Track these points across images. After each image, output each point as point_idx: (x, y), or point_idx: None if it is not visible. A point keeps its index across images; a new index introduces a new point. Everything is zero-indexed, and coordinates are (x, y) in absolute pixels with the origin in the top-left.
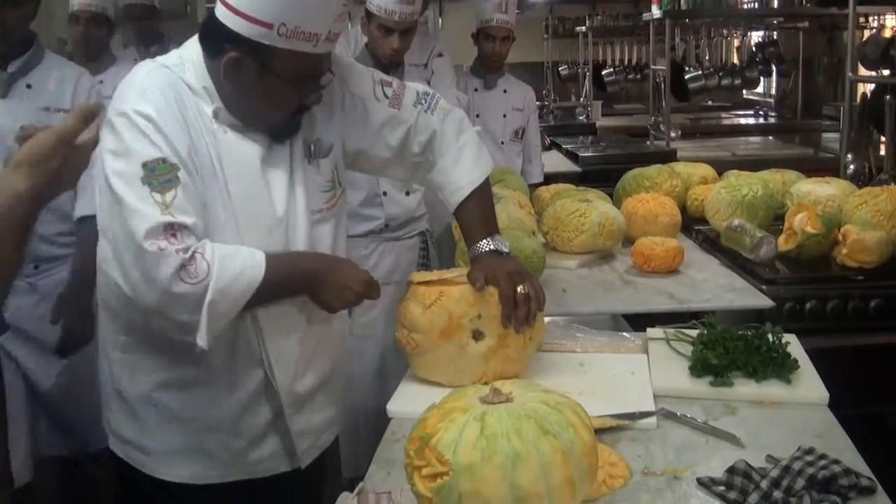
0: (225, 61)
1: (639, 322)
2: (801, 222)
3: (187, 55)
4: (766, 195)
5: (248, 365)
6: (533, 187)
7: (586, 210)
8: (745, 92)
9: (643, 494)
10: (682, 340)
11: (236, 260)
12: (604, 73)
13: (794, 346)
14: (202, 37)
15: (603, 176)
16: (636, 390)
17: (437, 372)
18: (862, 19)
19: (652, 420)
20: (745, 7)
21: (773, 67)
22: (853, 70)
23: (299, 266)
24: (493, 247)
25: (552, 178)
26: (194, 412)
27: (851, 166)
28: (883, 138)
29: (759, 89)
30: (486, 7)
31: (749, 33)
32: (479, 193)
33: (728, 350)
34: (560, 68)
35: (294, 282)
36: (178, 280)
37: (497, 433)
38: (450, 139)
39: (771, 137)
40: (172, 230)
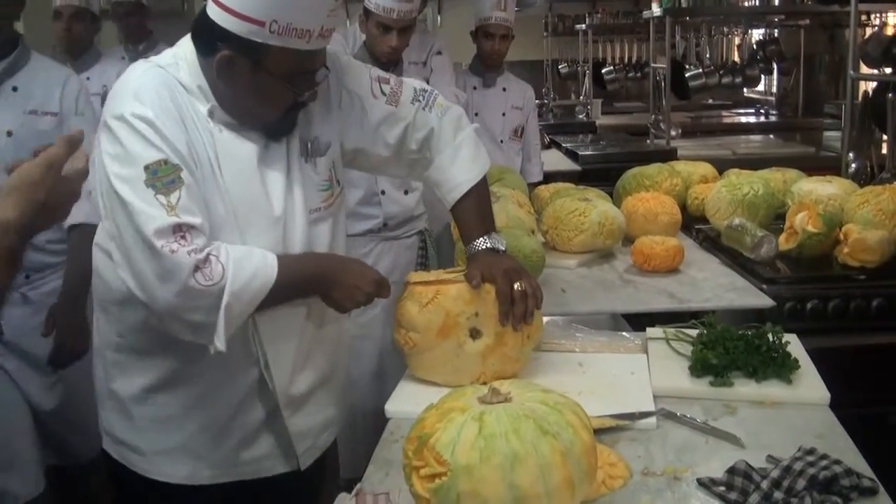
0: (218, 60)
1: (638, 322)
2: (803, 221)
3: (181, 54)
4: (767, 194)
5: (243, 364)
6: (532, 186)
7: (586, 209)
8: (745, 90)
9: (643, 495)
10: (682, 340)
11: (250, 262)
12: (604, 71)
13: (794, 345)
14: (194, 35)
15: (603, 175)
16: (636, 390)
17: (435, 371)
18: (864, 17)
19: (652, 420)
20: (745, 5)
21: (774, 65)
22: (855, 68)
23: (310, 267)
24: (489, 245)
25: (552, 177)
26: (187, 412)
27: (853, 165)
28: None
29: (760, 87)
30: (485, 5)
31: (750, 31)
32: (476, 191)
33: (728, 350)
34: (560, 66)
35: (305, 283)
36: (194, 281)
37: (495, 433)
38: (447, 136)
39: (772, 136)
40: (181, 231)
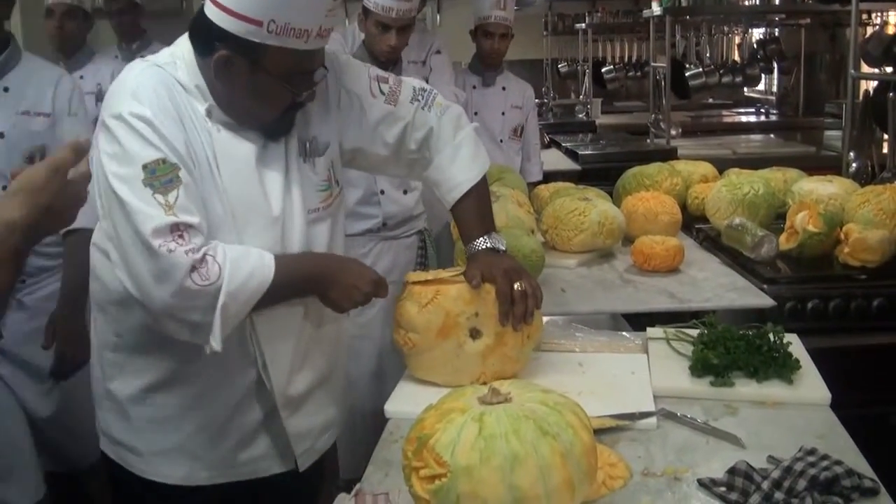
0: (215, 60)
1: (638, 321)
2: (803, 221)
3: (179, 53)
4: (768, 193)
5: (241, 365)
6: (532, 186)
7: (586, 209)
8: (746, 89)
9: (643, 496)
10: (683, 340)
11: (247, 261)
12: (604, 70)
13: (795, 345)
14: (192, 35)
15: (602, 174)
16: (636, 390)
17: (435, 372)
18: (865, 16)
19: (652, 420)
20: (746, 3)
21: (775, 64)
22: (856, 67)
23: (308, 267)
24: (489, 244)
25: (551, 177)
26: (184, 413)
27: (854, 164)
28: (886, 136)
29: (761, 87)
30: (484, 4)
31: (750, 30)
32: (476, 191)
33: (729, 350)
34: (559, 65)
35: (303, 283)
36: (190, 281)
37: (495, 434)
38: (447, 136)
39: (772, 135)
40: (179, 230)
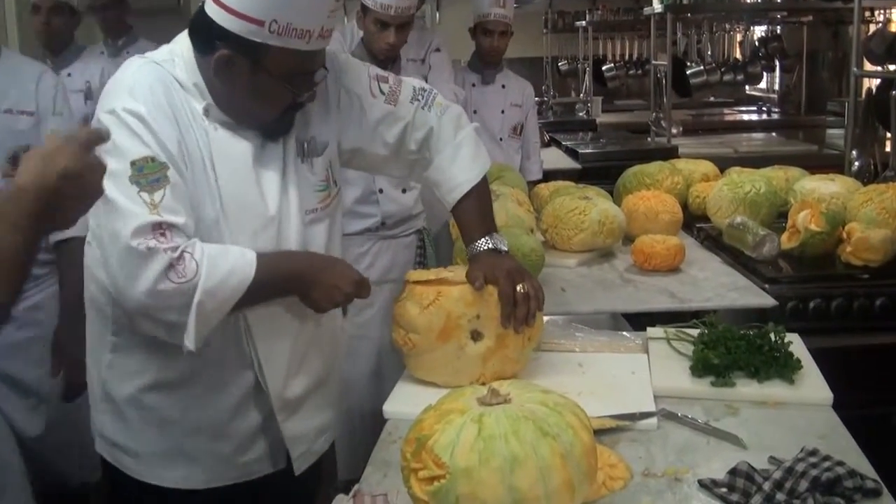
0: (216, 59)
1: (639, 321)
2: (805, 220)
3: (178, 51)
4: (769, 192)
5: (237, 367)
6: (532, 184)
7: (586, 208)
8: (747, 87)
9: (644, 496)
10: (683, 340)
11: (226, 259)
12: (604, 68)
13: (797, 345)
14: (192, 33)
15: (603, 173)
16: (636, 390)
17: (435, 373)
18: (867, 13)
19: (652, 421)
20: (747, 1)
21: (777, 62)
22: (858, 65)
23: (290, 266)
24: (491, 245)
25: (551, 175)
26: (182, 415)
27: (856, 163)
28: (889, 134)
29: (762, 85)
30: (483, 1)
31: (752, 28)
32: (476, 191)
33: (730, 350)
34: (559, 63)
35: (285, 281)
36: (166, 279)
37: (495, 435)
38: (447, 136)
39: (774, 134)
40: (161, 229)
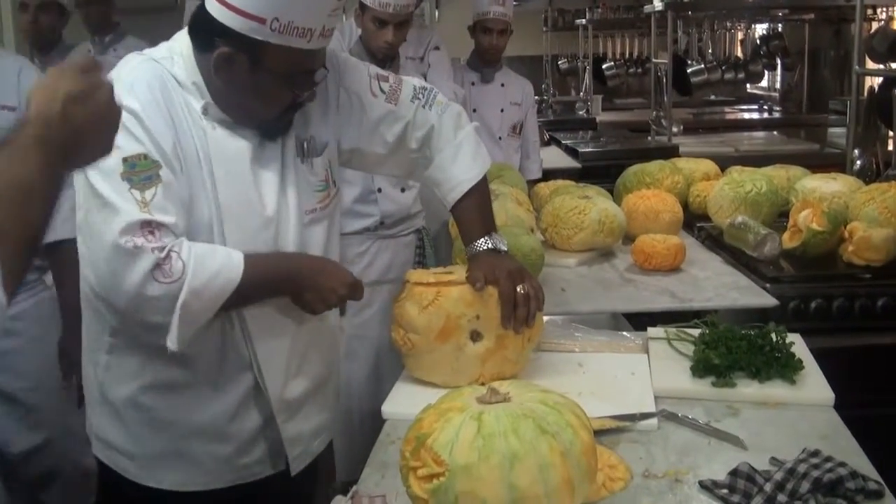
0: (216, 56)
1: (639, 321)
2: (807, 219)
3: (177, 48)
4: (771, 191)
5: (236, 369)
6: (531, 183)
7: (586, 207)
8: (748, 86)
9: (644, 497)
10: (684, 340)
11: (214, 259)
12: (604, 66)
13: (798, 345)
14: (192, 30)
15: (603, 172)
16: (636, 391)
17: (434, 373)
18: (870, 11)
19: (653, 421)
20: None
21: (778, 61)
22: (860, 63)
23: (280, 267)
24: (491, 245)
25: (551, 174)
26: (180, 417)
27: (858, 162)
28: (891, 133)
29: (764, 83)
30: None
31: (753, 26)
32: (476, 190)
33: (731, 350)
34: (559, 62)
35: (274, 283)
36: (152, 279)
37: (494, 433)
38: (447, 135)
39: (775, 132)
40: (150, 228)
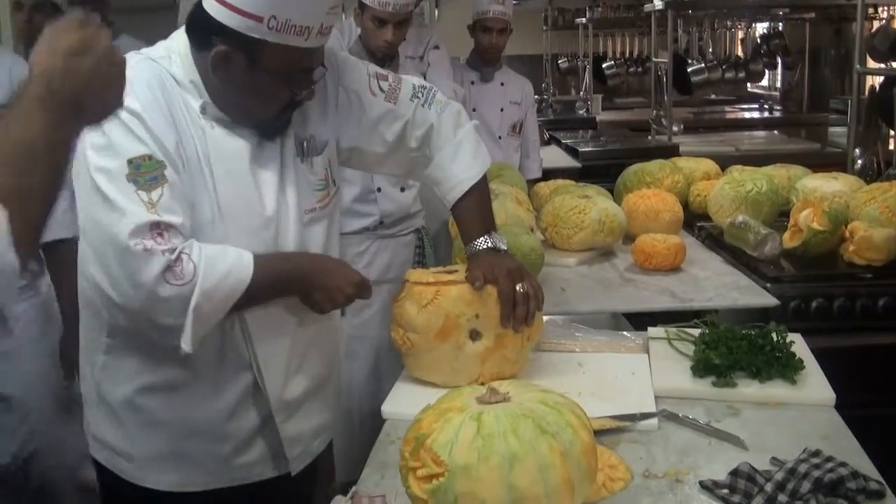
0: (213, 55)
1: (639, 321)
2: (807, 219)
3: (174, 47)
4: (771, 191)
5: (235, 368)
6: (531, 183)
7: (586, 206)
8: (749, 85)
9: (644, 498)
10: (684, 340)
11: (224, 261)
12: (604, 65)
13: (799, 345)
14: (189, 28)
15: (603, 171)
16: (637, 391)
17: (433, 373)
18: (871, 10)
19: (653, 421)
20: None
21: (779, 60)
22: (861, 62)
23: (288, 267)
24: (490, 244)
25: (551, 174)
26: (179, 417)
27: (859, 161)
28: (892, 132)
29: (764, 82)
30: None
31: (754, 24)
32: (476, 189)
33: (731, 350)
34: (559, 61)
35: (283, 283)
36: (164, 282)
37: (494, 433)
38: (447, 133)
39: (776, 132)
40: (159, 229)
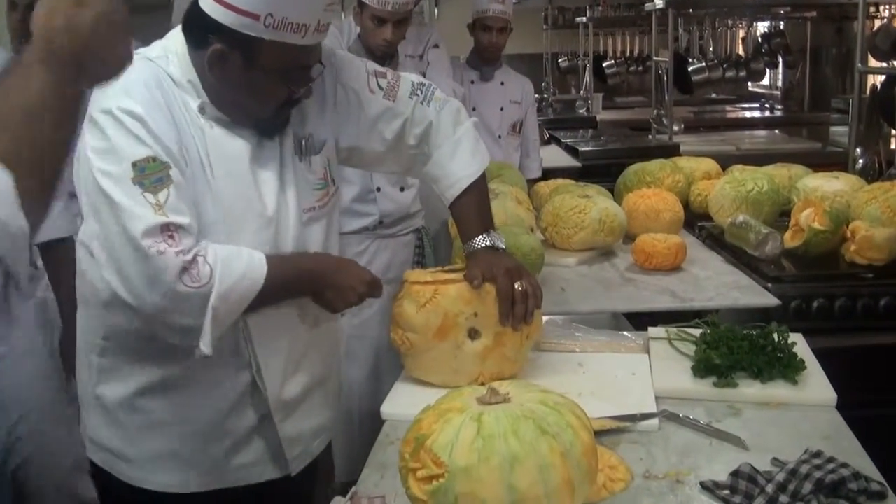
0: (209, 54)
1: (640, 321)
2: (808, 218)
3: (171, 47)
4: (772, 190)
5: (234, 367)
6: (531, 182)
7: (586, 206)
8: (750, 84)
9: (645, 498)
10: (685, 340)
11: (239, 262)
12: (605, 64)
13: (800, 345)
14: (185, 27)
15: (603, 171)
16: (637, 391)
17: (433, 372)
18: (872, 9)
19: (654, 422)
20: None
21: (780, 59)
22: (863, 61)
23: (300, 267)
24: (489, 243)
25: (551, 173)
26: (176, 417)
27: (860, 160)
28: (893, 131)
29: (765, 81)
30: None
31: (755, 23)
32: (476, 187)
33: (732, 350)
34: (559, 60)
35: (296, 283)
36: (180, 283)
37: (494, 434)
38: (446, 131)
39: (777, 131)
40: (169, 231)
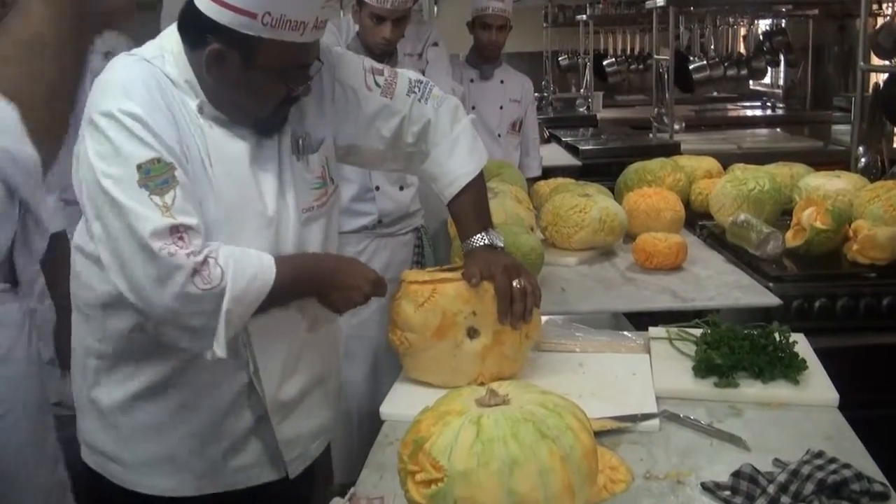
0: (207, 54)
1: (640, 321)
2: (810, 217)
3: (167, 46)
4: (774, 189)
5: (231, 369)
6: (531, 181)
7: (586, 205)
8: (751, 82)
9: (645, 499)
10: (686, 340)
11: (250, 263)
12: (605, 63)
13: (802, 345)
14: (181, 27)
15: (604, 170)
16: (638, 391)
17: (432, 372)
18: (875, 6)
19: (654, 422)
20: None
21: (782, 57)
22: (865, 59)
23: (307, 268)
24: (487, 241)
25: (551, 172)
26: (172, 420)
27: (863, 159)
28: None
29: (767, 80)
30: None
31: (756, 21)
32: (474, 186)
33: (733, 350)
34: (559, 58)
35: (302, 284)
36: (192, 285)
37: (493, 437)
38: (444, 129)
39: (778, 129)
40: (178, 233)
